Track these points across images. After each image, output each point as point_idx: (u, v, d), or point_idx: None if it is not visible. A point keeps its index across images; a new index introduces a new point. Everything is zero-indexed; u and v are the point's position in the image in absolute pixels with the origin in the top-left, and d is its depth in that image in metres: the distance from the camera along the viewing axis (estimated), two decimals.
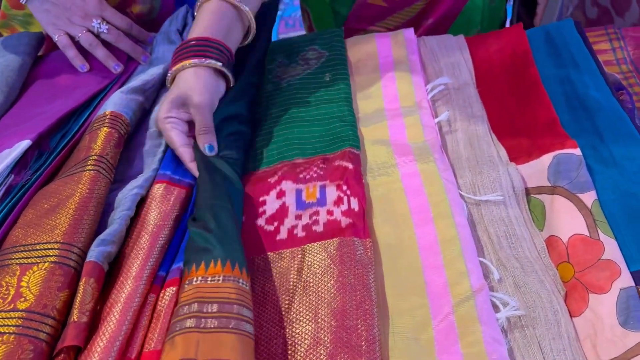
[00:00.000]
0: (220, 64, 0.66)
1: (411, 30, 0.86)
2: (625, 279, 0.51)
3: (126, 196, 0.57)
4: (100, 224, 0.56)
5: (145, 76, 0.76)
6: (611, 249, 0.53)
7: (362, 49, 0.84)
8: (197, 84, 0.65)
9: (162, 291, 0.50)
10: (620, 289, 0.50)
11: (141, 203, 0.58)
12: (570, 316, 0.51)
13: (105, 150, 0.60)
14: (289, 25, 2.65)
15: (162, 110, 0.64)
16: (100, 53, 0.80)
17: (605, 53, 0.83)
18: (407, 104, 0.74)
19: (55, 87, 0.82)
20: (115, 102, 0.68)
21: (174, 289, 0.50)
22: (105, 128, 0.63)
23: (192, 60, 0.65)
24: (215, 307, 0.45)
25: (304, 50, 0.84)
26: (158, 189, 0.59)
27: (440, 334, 0.48)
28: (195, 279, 0.47)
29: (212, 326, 0.43)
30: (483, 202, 0.61)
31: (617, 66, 0.81)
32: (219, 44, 0.67)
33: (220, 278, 0.47)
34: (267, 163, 0.68)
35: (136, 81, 0.75)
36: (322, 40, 0.85)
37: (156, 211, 0.56)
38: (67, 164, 0.64)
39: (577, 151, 0.63)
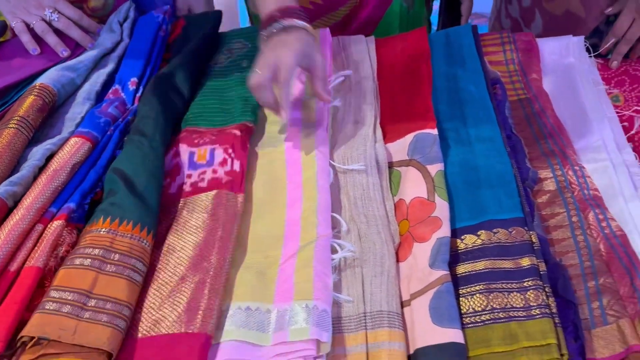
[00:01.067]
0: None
1: (327, 30, 0.92)
2: (444, 231, 0.59)
3: (39, 150, 0.66)
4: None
5: (81, 57, 0.84)
6: (440, 209, 0.62)
7: None
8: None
9: (50, 223, 0.57)
10: (437, 238, 0.58)
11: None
12: (398, 261, 0.60)
13: (28, 113, 0.69)
14: None
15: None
16: (50, 39, 0.87)
17: (497, 54, 0.91)
18: (309, 91, 0.79)
19: (9, 67, 0.88)
20: (47, 76, 0.77)
21: (61, 222, 0.57)
22: (32, 96, 0.72)
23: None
24: (117, 257, 0.54)
25: (231, 43, 0.92)
26: (68, 142, 0.67)
27: (282, 271, 0.57)
28: (109, 230, 0.56)
29: (110, 270, 0.53)
30: (349, 170, 0.69)
31: (505, 66, 0.89)
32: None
33: (129, 235, 0.56)
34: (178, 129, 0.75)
35: (71, 60, 0.83)
36: (248, 34, 0.92)
37: (57, 158, 0.64)
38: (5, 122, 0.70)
39: (434, 131, 0.71)
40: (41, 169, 0.64)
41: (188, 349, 0.49)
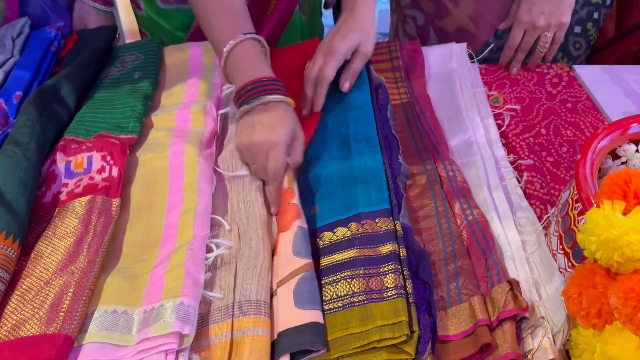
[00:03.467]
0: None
1: None
2: (299, 218, 0.62)
3: None
4: None
5: None
6: (297, 196, 0.65)
7: (176, 55, 0.93)
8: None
9: None
10: (299, 227, 0.61)
11: None
12: (274, 255, 0.62)
13: None
14: None
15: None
16: None
17: (385, 62, 0.96)
18: (201, 100, 0.82)
19: None
20: None
21: None
22: None
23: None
24: None
25: (124, 55, 0.92)
26: None
27: (154, 274, 0.57)
28: None
29: None
30: (235, 176, 0.71)
31: (392, 72, 0.94)
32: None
33: None
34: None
35: None
36: (141, 46, 0.93)
37: None
38: None
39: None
40: None
41: (47, 349, 0.48)
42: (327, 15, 1.33)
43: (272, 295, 0.57)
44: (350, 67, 0.80)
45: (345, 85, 0.80)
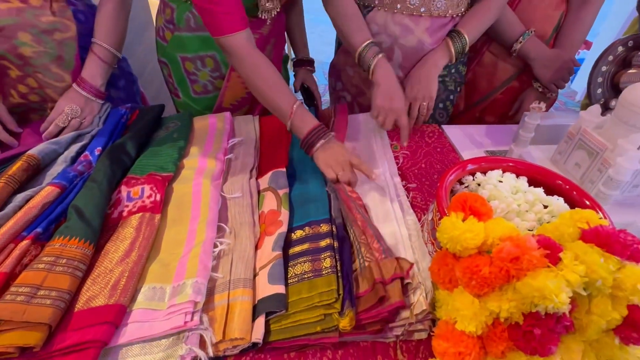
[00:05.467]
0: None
1: (229, 113, 0.92)
2: (283, 228, 0.60)
3: (21, 195, 0.61)
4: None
5: (65, 136, 0.79)
6: (284, 215, 0.63)
7: (201, 122, 0.90)
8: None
9: (20, 242, 0.54)
10: (278, 233, 0.59)
11: None
12: (257, 249, 0.60)
13: (15, 172, 0.64)
14: None
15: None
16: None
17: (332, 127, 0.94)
18: (215, 150, 0.80)
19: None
20: (36, 147, 0.72)
21: (28, 241, 0.54)
22: (20, 161, 0.67)
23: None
24: (64, 261, 0.51)
25: (168, 122, 0.90)
26: (44, 189, 0.62)
27: (181, 262, 0.55)
28: (60, 244, 0.52)
29: (58, 270, 0.49)
30: (233, 197, 0.69)
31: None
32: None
33: (74, 247, 0.53)
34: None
35: (58, 137, 0.79)
36: (179, 117, 0.91)
37: (32, 200, 0.60)
38: None
39: (283, 169, 0.73)
40: (21, 207, 0.60)
41: (108, 314, 0.47)
42: None
43: (255, 275, 0.55)
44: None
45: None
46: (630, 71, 0.83)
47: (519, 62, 1.04)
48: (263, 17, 0.89)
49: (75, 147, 0.77)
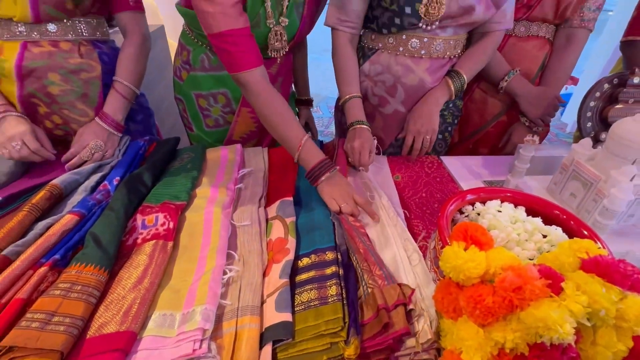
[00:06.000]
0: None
1: (240, 145, 0.93)
2: (290, 256, 0.59)
3: (42, 223, 0.62)
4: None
5: (87, 166, 0.81)
6: (291, 243, 0.62)
7: (213, 154, 0.91)
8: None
9: (38, 269, 0.53)
10: (285, 261, 0.58)
11: None
12: (264, 276, 0.58)
13: (38, 201, 0.65)
14: None
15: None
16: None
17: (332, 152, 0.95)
18: (226, 180, 0.80)
19: (40, 173, 0.83)
20: (59, 177, 0.73)
21: (46, 268, 0.53)
22: (44, 190, 0.68)
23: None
24: (79, 287, 0.50)
25: (183, 154, 0.91)
26: (63, 217, 0.63)
27: (191, 289, 0.54)
28: (77, 271, 0.52)
29: (73, 296, 0.49)
30: (242, 225, 0.69)
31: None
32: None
33: (90, 273, 0.52)
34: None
35: (80, 168, 0.80)
36: (193, 149, 0.92)
37: (52, 228, 0.60)
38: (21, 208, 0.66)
39: (290, 199, 0.73)
40: (42, 235, 0.60)
41: (119, 342, 0.45)
42: None
43: (262, 302, 0.54)
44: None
45: None
46: (618, 106, 0.84)
47: (506, 99, 1.07)
48: (273, 56, 0.92)
49: (95, 177, 0.78)
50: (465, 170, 0.94)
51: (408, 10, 0.83)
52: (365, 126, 0.89)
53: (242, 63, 0.71)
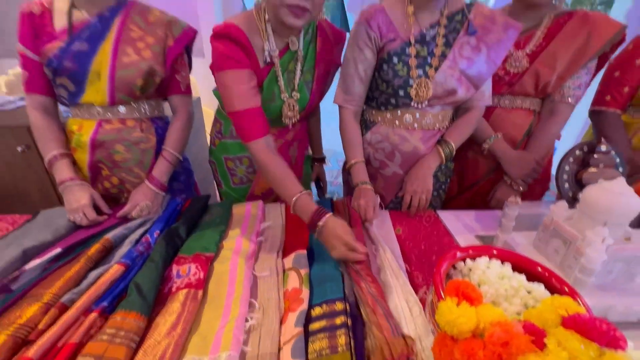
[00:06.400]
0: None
1: (262, 202, 0.98)
2: (304, 306, 0.61)
3: (94, 273, 0.66)
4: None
5: (136, 221, 0.86)
6: (305, 294, 0.64)
7: (238, 209, 0.96)
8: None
9: (89, 315, 0.56)
10: (300, 310, 0.60)
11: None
12: (282, 324, 0.60)
13: (93, 254, 0.70)
14: None
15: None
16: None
17: (342, 213, 0.97)
18: (249, 232, 0.84)
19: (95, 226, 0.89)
20: (111, 232, 0.78)
21: (96, 314, 0.56)
22: (98, 244, 0.73)
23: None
24: (123, 333, 0.53)
25: (212, 209, 0.96)
26: (112, 267, 0.67)
27: (217, 335, 0.55)
28: (121, 317, 0.55)
29: (117, 342, 0.51)
30: (262, 276, 0.71)
31: (344, 216, 0.96)
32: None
33: (132, 320, 0.55)
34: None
35: (129, 223, 0.86)
36: (221, 205, 0.97)
37: (102, 278, 0.64)
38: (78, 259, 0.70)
39: (304, 252, 0.75)
40: (93, 283, 0.64)
41: None
42: None
43: (279, 349, 0.55)
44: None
45: None
46: (590, 170, 0.87)
47: (493, 159, 1.11)
48: (287, 123, 0.98)
49: (139, 231, 0.83)
50: (460, 225, 0.96)
51: (401, 93, 0.92)
52: (368, 186, 0.94)
53: (250, 135, 0.80)
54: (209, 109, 2.27)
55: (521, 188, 1.06)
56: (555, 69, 0.99)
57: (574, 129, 2.81)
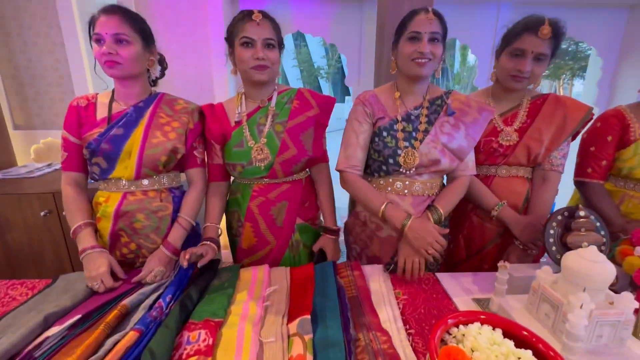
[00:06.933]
0: None
1: (267, 265, 1.04)
2: None
3: (111, 339, 0.69)
4: None
5: (150, 287, 0.91)
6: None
7: (246, 273, 1.01)
8: None
9: None
10: None
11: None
12: None
13: (110, 319, 0.74)
14: None
15: None
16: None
17: (344, 273, 1.00)
18: (255, 296, 0.89)
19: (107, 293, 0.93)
20: (128, 298, 0.84)
21: None
22: (116, 310, 0.78)
23: None
24: None
25: (221, 273, 1.01)
26: (128, 334, 0.70)
27: None
28: None
29: None
30: (268, 342, 0.74)
31: (348, 278, 0.97)
32: None
33: None
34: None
35: (143, 288, 0.91)
36: (230, 269, 1.03)
37: (118, 345, 0.67)
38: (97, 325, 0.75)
39: (308, 317, 0.78)
40: (110, 350, 0.67)
41: None
42: None
43: None
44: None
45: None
46: (573, 233, 0.94)
47: (499, 225, 1.17)
48: (258, 166, 1.08)
49: (153, 296, 0.88)
50: (459, 287, 0.99)
51: (391, 160, 1.04)
52: (417, 218, 0.99)
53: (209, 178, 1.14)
54: None
55: (534, 251, 1.10)
56: (543, 142, 1.12)
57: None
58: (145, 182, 1.03)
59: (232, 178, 1.22)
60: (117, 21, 0.91)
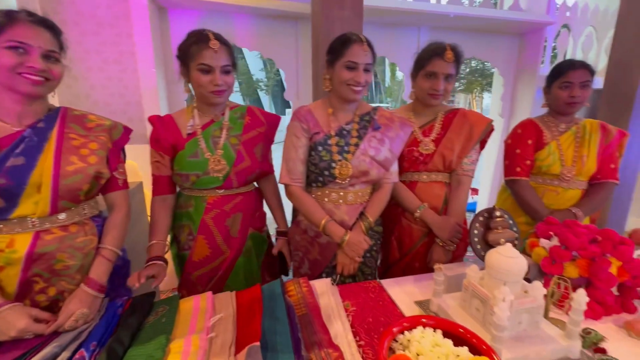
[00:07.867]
0: None
1: (210, 292, 0.96)
2: None
3: None
4: None
5: (68, 335, 0.79)
6: None
7: (186, 304, 0.92)
8: None
9: None
10: None
11: None
12: None
13: None
14: None
15: None
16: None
17: (294, 291, 0.97)
18: (198, 329, 0.81)
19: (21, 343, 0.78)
20: (41, 354, 0.71)
21: None
22: None
23: None
24: None
25: (158, 307, 0.91)
26: None
27: None
28: None
29: None
30: None
31: (297, 296, 0.94)
32: None
33: None
34: None
35: (60, 338, 0.78)
36: (168, 301, 0.93)
37: None
38: None
39: (257, 344, 0.72)
40: None
41: None
42: None
43: None
44: None
45: None
46: (493, 232, 1.06)
47: (424, 225, 1.30)
48: (215, 176, 1.12)
49: (73, 347, 0.76)
50: (402, 292, 1.05)
51: (326, 172, 1.14)
52: (349, 233, 1.12)
53: (155, 191, 1.16)
54: (150, 192, 2.23)
55: (452, 247, 1.25)
56: (454, 150, 1.28)
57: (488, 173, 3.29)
58: (62, 216, 0.87)
59: (178, 190, 1.21)
60: (48, 36, 0.80)
